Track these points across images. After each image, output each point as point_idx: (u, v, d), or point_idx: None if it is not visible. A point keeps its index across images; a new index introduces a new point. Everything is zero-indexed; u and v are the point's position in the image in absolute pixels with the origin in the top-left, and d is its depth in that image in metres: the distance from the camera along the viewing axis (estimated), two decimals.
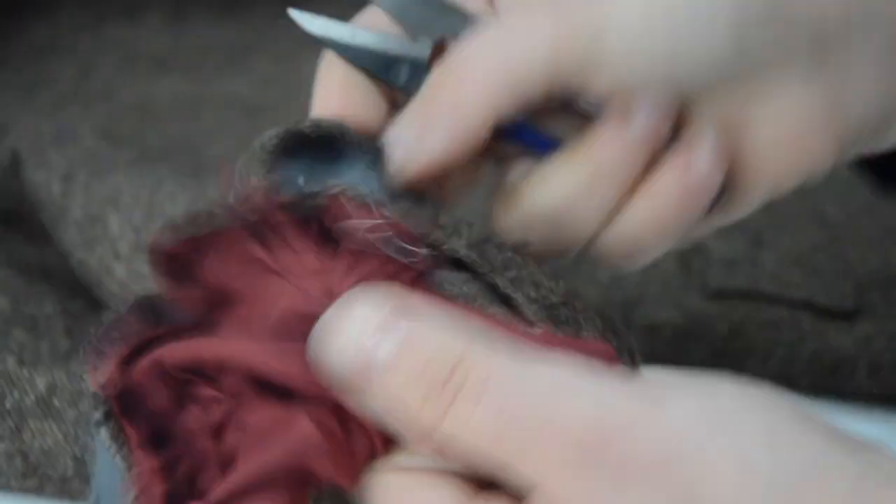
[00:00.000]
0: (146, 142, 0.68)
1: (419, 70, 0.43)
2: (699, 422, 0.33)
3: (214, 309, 0.38)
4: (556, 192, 0.41)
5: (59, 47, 0.76)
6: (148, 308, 0.39)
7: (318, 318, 0.35)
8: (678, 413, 0.33)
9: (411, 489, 0.35)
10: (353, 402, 0.34)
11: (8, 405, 0.49)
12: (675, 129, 0.42)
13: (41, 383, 0.50)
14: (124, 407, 0.38)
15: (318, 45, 0.44)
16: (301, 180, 0.41)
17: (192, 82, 0.74)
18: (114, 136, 0.68)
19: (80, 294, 0.56)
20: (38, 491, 0.50)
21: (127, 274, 0.55)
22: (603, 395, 0.33)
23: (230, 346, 0.37)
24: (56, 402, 0.49)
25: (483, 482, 0.35)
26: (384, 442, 0.35)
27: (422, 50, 0.44)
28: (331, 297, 0.36)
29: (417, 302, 0.34)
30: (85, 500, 0.50)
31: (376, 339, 0.33)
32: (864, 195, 0.65)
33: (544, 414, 0.33)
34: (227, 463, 0.36)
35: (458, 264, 0.39)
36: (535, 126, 0.43)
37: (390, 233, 0.38)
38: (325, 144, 0.42)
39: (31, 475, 0.49)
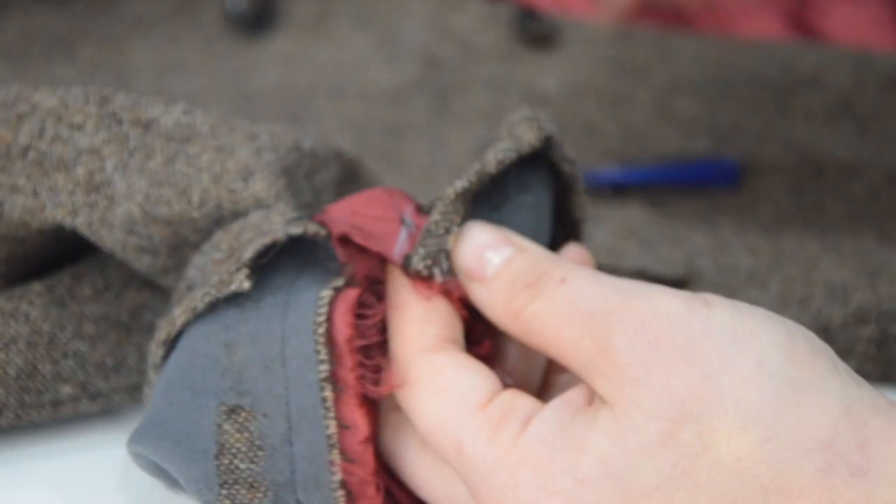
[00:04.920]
0: None
1: None
2: (731, 325, 0.39)
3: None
4: None
5: None
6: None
7: None
8: (716, 316, 0.40)
9: (451, 366, 0.43)
10: (469, 290, 0.44)
11: None
12: None
13: None
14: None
15: (143, 29, 0.43)
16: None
17: (16, 70, 0.72)
18: None
19: None
20: None
21: None
22: (655, 296, 0.40)
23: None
24: None
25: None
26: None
27: None
28: None
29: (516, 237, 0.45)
30: None
31: (491, 252, 0.44)
32: None
33: (606, 306, 0.41)
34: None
35: None
36: None
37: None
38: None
39: None
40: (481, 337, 0.45)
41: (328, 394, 0.42)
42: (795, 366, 0.39)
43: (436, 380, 0.42)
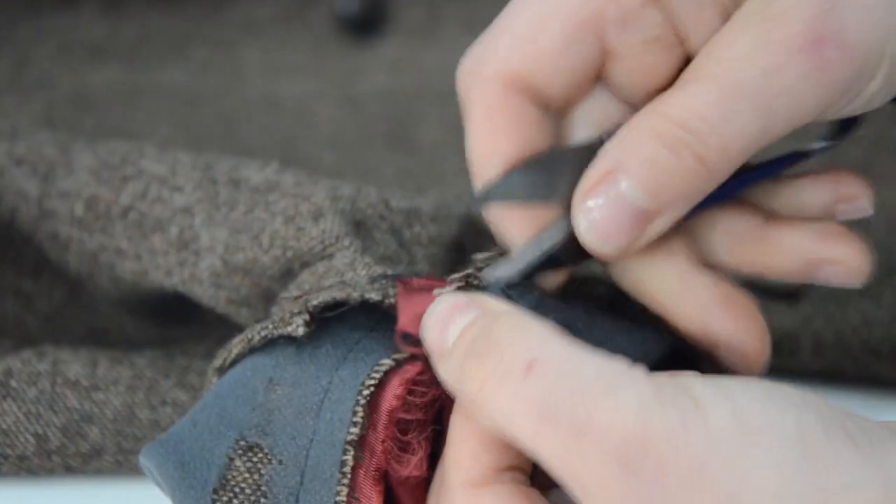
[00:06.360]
0: (84, 131, 0.67)
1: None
2: (735, 429, 0.35)
3: None
4: None
5: None
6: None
7: None
8: (714, 421, 0.35)
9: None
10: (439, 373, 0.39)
11: None
12: None
13: None
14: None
15: (254, 31, 0.44)
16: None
17: (129, 71, 0.73)
18: (51, 127, 0.67)
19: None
20: None
21: None
22: (645, 413, 0.35)
23: None
24: (14, 383, 0.49)
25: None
26: None
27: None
28: None
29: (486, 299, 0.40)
30: (48, 474, 0.50)
31: (455, 320, 0.38)
32: None
33: (587, 413, 0.35)
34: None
35: None
36: None
37: None
38: None
39: None
40: None
41: (349, 458, 0.41)
42: (813, 455, 0.35)
43: None
